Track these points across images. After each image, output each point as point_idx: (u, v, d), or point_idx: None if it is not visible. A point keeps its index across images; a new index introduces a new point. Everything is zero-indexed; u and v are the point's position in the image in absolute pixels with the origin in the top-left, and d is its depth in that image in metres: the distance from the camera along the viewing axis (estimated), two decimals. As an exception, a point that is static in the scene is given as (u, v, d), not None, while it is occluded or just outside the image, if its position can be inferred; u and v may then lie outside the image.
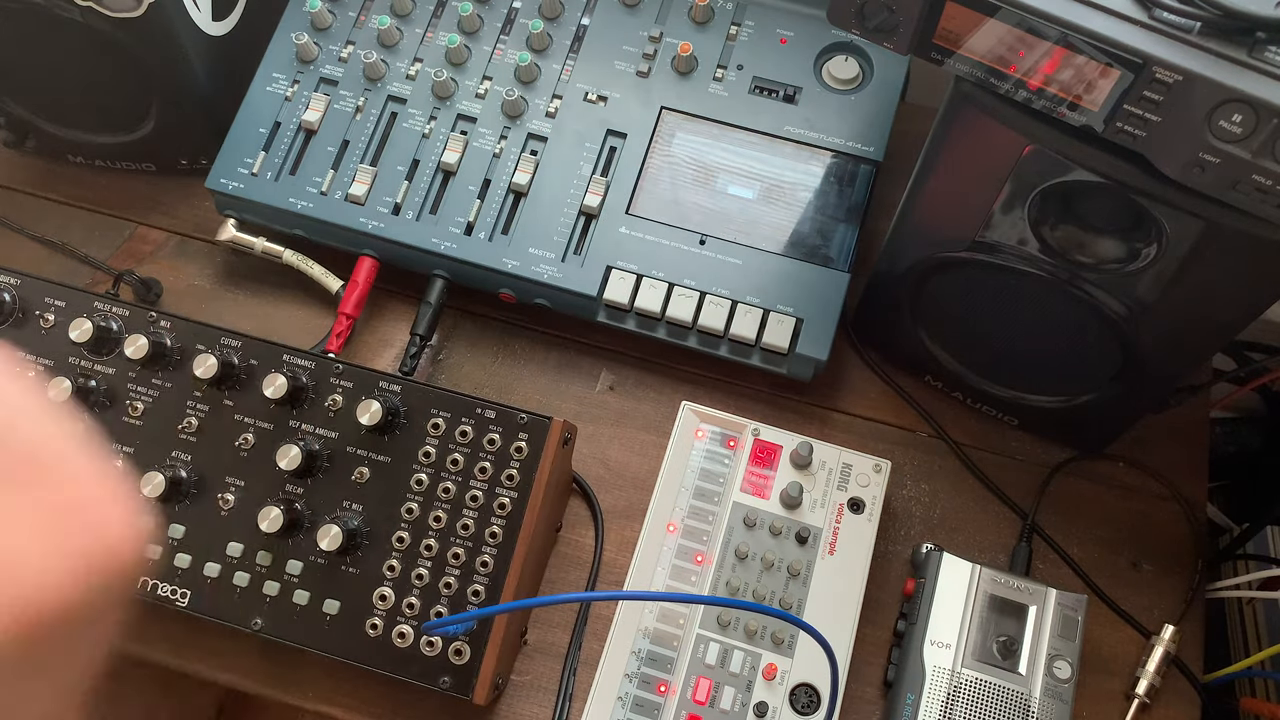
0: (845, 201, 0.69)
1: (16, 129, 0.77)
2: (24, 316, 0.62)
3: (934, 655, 0.59)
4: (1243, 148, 0.42)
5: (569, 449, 0.62)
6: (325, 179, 0.71)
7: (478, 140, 0.71)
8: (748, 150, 0.71)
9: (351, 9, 0.75)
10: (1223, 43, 0.42)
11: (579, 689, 0.62)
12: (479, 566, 0.57)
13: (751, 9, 0.73)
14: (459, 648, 0.56)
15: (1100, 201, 0.52)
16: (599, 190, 0.70)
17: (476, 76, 0.73)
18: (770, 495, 0.63)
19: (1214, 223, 0.48)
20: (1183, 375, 0.61)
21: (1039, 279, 0.56)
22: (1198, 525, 0.68)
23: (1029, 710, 0.58)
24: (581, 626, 0.64)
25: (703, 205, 0.70)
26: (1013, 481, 0.69)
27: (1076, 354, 0.61)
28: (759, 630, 0.60)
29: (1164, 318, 0.55)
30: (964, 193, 0.55)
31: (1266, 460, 0.83)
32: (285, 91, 0.73)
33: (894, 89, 0.71)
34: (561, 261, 0.69)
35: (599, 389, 0.72)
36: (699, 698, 0.58)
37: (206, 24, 0.71)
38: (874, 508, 0.63)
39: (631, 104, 0.72)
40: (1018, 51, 0.45)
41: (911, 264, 0.62)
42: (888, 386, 0.72)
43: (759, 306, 0.67)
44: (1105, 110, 0.45)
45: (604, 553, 0.66)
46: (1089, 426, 0.67)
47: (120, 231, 0.78)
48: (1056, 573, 0.66)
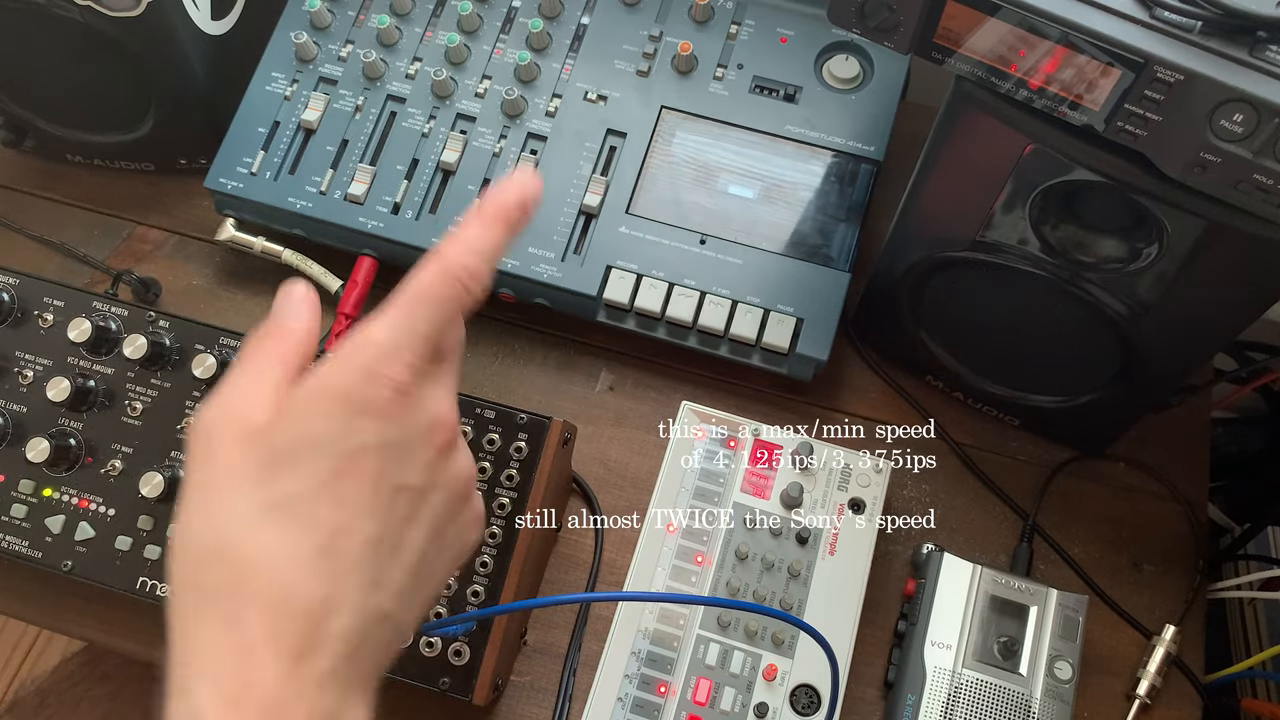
0: (846, 201, 0.69)
1: (15, 129, 0.77)
2: (23, 316, 0.62)
3: (935, 656, 0.59)
4: (1244, 147, 0.42)
5: (569, 449, 0.62)
6: (324, 178, 0.71)
7: (477, 140, 0.71)
8: (748, 150, 0.71)
9: (351, 8, 0.75)
10: (1224, 42, 0.42)
11: (579, 689, 0.62)
12: (479, 567, 0.57)
13: (751, 8, 0.73)
14: (458, 648, 0.56)
15: (1101, 201, 0.52)
16: (599, 190, 0.70)
17: (476, 76, 0.73)
18: (770, 495, 0.63)
19: (1215, 222, 0.47)
20: (1183, 375, 0.60)
21: (1040, 279, 0.56)
22: (1199, 525, 0.67)
23: (1030, 711, 0.58)
24: (581, 627, 0.63)
25: (703, 205, 0.70)
26: (1013, 481, 0.69)
27: (1077, 354, 0.61)
28: (759, 631, 0.60)
29: (1165, 318, 0.54)
30: (964, 192, 0.55)
31: (1267, 460, 0.83)
32: (284, 91, 0.73)
33: (894, 88, 0.71)
34: (561, 261, 0.69)
35: (599, 389, 0.72)
36: (699, 698, 0.58)
37: (206, 23, 0.71)
38: (874, 508, 0.63)
39: (631, 103, 0.72)
40: (1019, 51, 0.45)
41: (912, 264, 0.61)
42: (888, 386, 0.72)
43: (759, 306, 0.67)
44: (1106, 110, 0.45)
45: (604, 553, 0.66)
46: (1090, 426, 0.67)
47: (119, 231, 0.78)
48: (1057, 573, 0.66)
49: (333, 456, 0.33)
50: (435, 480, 0.36)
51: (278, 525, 0.33)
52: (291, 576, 0.32)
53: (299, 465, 0.33)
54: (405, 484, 0.35)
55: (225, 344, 0.61)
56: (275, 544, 0.32)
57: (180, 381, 0.60)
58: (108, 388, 0.60)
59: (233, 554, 0.32)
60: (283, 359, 0.36)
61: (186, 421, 0.60)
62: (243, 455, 0.33)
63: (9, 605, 0.65)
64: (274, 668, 0.31)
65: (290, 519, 0.33)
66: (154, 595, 0.58)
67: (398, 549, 0.35)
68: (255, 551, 0.32)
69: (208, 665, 0.31)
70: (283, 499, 0.33)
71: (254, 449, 0.33)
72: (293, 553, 0.32)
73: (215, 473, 0.34)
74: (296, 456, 0.33)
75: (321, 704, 0.32)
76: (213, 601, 0.32)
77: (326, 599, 0.32)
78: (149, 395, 0.60)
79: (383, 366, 0.34)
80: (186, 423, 0.60)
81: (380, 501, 0.34)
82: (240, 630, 0.31)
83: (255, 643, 0.31)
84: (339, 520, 0.33)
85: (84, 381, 0.60)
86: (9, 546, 0.59)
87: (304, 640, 0.32)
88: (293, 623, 0.32)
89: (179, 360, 0.61)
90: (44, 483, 0.59)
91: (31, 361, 0.61)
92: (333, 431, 0.33)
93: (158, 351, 0.60)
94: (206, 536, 0.33)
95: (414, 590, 0.36)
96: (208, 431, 0.34)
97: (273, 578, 0.32)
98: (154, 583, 0.58)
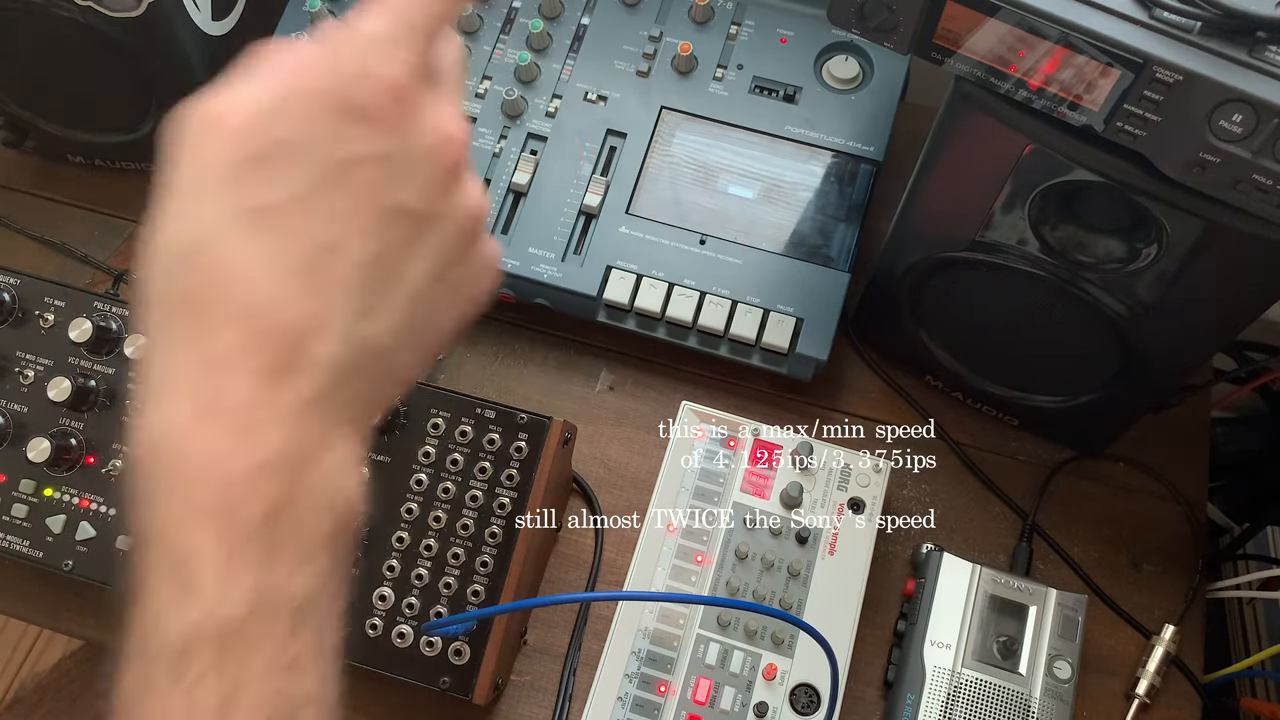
0: (845, 201, 0.69)
1: (16, 129, 0.77)
2: (23, 316, 0.62)
3: (934, 655, 0.59)
4: (1243, 147, 0.42)
5: (569, 449, 0.62)
6: (325, 179, 0.71)
7: (477, 140, 0.71)
8: (748, 150, 0.71)
9: (351, 9, 0.74)
10: (1223, 42, 0.42)
11: (579, 689, 0.62)
12: (479, 566, 0.57)
13: (751, 8, 0.73)
14: (459, 648, 0.56)
15: (1101, 201, 0.52)
16: (599, 190, 0.70)
17: (476, 76, 0.73)
18: (770, 495, 0.63)
19: (1214, 223, 0.48)
20: (1183, 375, 0.61)
21: (1039, 279, 0.56)
22: (1198, 525, 0.67)
23: (1029, 710, 0.58)
24: (581, 627, 0.63)
25: (703, 205, 0.70)
26: (1013, 481, 0.69)
27: (1077, 354, 0.61)
28: (759, 630, 0.60)
29: (1164, 318, 0.55)
30: (964, 192, 0.55)
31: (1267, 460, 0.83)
32: (285, 91, 0.73)
33: (894, 89, 0.71)
34: (561, 261, 0.69)
35: (599, 389, 0.72)
36: (699, 698, 0.58)
37: (206, 24, 0.71)
38: (874, 508, 0.63)
39: (631, 104, 0.72)
40: (1018, 51, 0.45)
41: (912, 264, 0.62)
42: (888, 386, 0.72)
43: (759, 306, 0.67)
44: (1106, 110, 0.45)
45: (604, 553, 0.66)
46: (1089, 426, 0.67)
47: (120, 231, 0.78)
48: (1057, 573, 0.66)
49: (319, 164, 0.30)
50: (440, 207, 0.32)
51: (255, 233, 0.29)
52: (269, 289, 0.29)
53: (281, 171, 0.29)
54: (404, 205, 0.31)
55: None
56: (251, 252, 0.29)
57: (181, 381, 0.60)
58: (109, 387, 0.61)
59: (206, 260, 0.29)
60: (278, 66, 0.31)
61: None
62: (218, 154, 0.30)
63: (9, 605, 0.65)
64: (248, 383, 0.29)
65: (270, 228, 0.29)
66: (154, 595, 0.58)
67: (393, 278, 0.31)
68: (230, 259, 0.29)
69: (177, 376, 0.29)
70: (262, 206, 0.29)
71: (232, 148, 0.29)
72: (271, 264, 0.29)
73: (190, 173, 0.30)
74: (278, 160, 0.29)
75: (302, 430, 0.29)
76: (183, 311, 0.29)
77: (308, 318, 0.29)
78: (149, 395, 0.60)
79: (376, 64, 0.30)
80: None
81: (374, 220, 0.31)
82: (212, 341, 0.29)
83: (228, 354, 0.29)
84: (325, 235, 0.30)
85: (85, 381, 0.60)
86: (10, 546, 0.59)
87: (281, 358, 0.29)
88: (269, 338, 0.29)
89: (179, 360, 0.61)
90: (45, 483, 0.59)
91: (32, 361, 0.61)
92: (319, 136, 0.30)
93: (158, 351, 0.60)
94: (178, 242, 0.30)
95: (411, 330, 0.33)
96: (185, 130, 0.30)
97: (249, 288, 0.29)
98: (154, 582, 0.58)
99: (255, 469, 0.28)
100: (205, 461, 0.28)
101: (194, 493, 0.28)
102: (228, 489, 0.28)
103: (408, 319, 0.32)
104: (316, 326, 0.30)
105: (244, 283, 0.29)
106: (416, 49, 0.32)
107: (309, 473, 0.30)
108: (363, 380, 0.31)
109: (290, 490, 0.29)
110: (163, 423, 0.29)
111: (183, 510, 0.28)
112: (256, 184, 0.29)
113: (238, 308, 0.29)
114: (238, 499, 0.28)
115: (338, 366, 0.30)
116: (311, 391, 0.30)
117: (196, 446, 0.28)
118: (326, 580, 0.31)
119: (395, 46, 0.31)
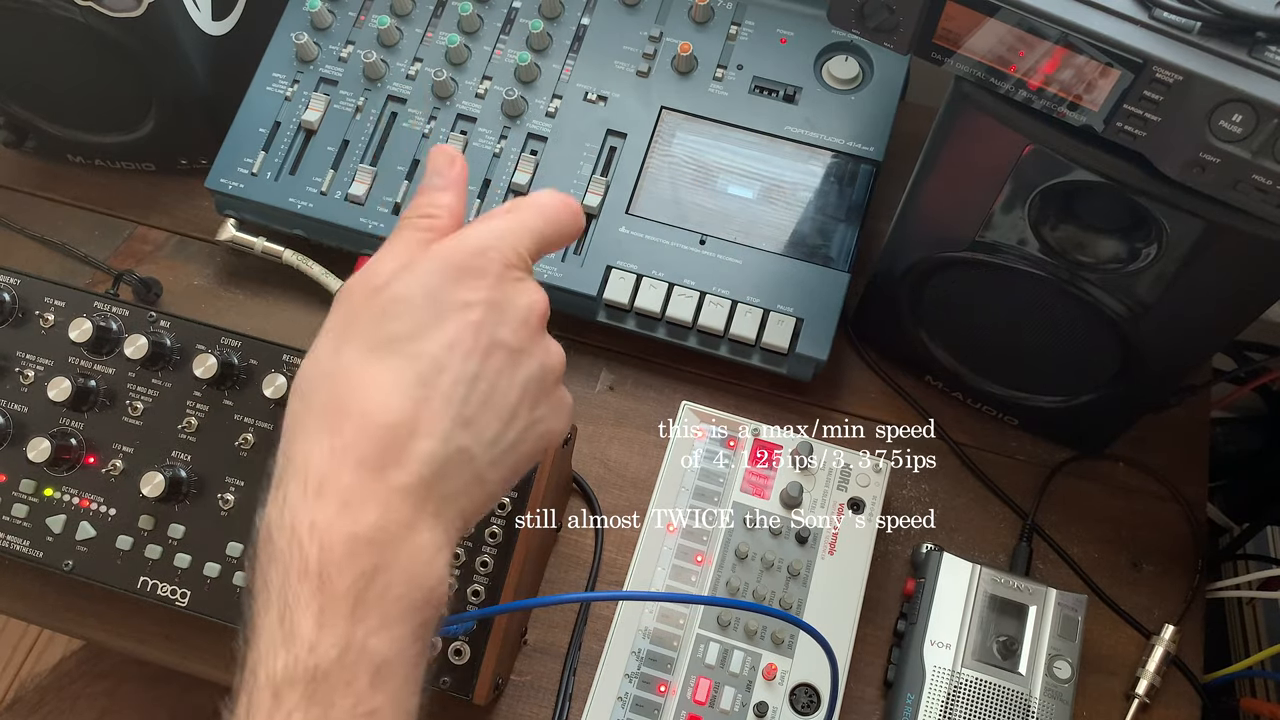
0: (845, 201, 0.69)
1: (16, 129, 0.77)
2: (24, 316, 0.62)
3: (934, 655, 0.59)
4: (1243, 147, 0.42)
5: (569, 449, 0.62)
6: (325, 179, 0.71)
7: (478, 140, 0.71)
8: (748, 150, 0.71)
9: (351, 9, 0.75)
10: (1223, 43, 0.42)
11: (579, 689, 0.62)
12: (479, 566, 0.57)
13: (751, 9, 0.73)
14: (459, 648, 0.56)
15: (1100, 201, 0.52)
16: (599, 190, 0.70)
17: (476, 76, 0.73)
18: (770, 495, 0.63)
19: (1214, 223, 0.48)
20: (1183, 375, 0.61)
21: (1039, 279, 0.56)
22: (1198, 525, 0.68)
23: (1029, 710, 0.58)
24: (581, 626, 0.64)
25: (703, 205, 0.70)
26: (1013, 481, 0.69)
27: (1077, 354, 0.61)
28: (759, 630, 0.60)
29: (1164, 318, 0.55)
30: (964, 193, 0.55)
31: (1266, 460, 0.83)
32: (285, 91, 0.73)
33: (894, 89, 0.71)
34: (561, 261, 0.69)
35: (599, 389, 0.72)
36: (699, 698, 0.58)
37: (206, 24, 0.71)
38: (874, 508, 0.63)
39: (631, 104, 0.72)
40: (1018, 51, 0.45)
41: (911, 264, 0.62)
42: (888, 386, 0.72)
43: (759, 306, 0.67)
44: (1105, 110, 0.45)
45: (604, 553, 0.66)
46: (1089, 426, 0.67)
47: (120, 231, 0.78)
48: (1056, 573, 0.66)
49: (439, 305, 0.38)
50: (530, 346, 0.40)
51: (382, 356, 0.37)
52: (385, 396, 0.37)
53: (409, 311, 0.38)
54: (503, 340, 0.39)
55: (226, 344, 0.61)
56: (377, 370, 0.37)
57: (181, 381, 0.60)
58: (109, 388, 0.61)
59: (342, 378, 0.37)
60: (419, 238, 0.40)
61: (187, 421, 0.60)
62: (364, 305, 0.38)
63: (9, 605, 0.65)
64: (356, 468, 0.35)
65: (393, 352, 0.37)
66: (155, 595, 0.58)
67: (490, 396, 0.39)
68: (361, 376, 0.37)
69: (301, 463, 0.36)
70: (391, 337, 0.38)
71: (374, 300, 0.38)
72: (391, 379, 0.37)
73: (339, 321, 0.39)
74: (408, 304, 0.38)
75: (395, 511, 0.36)
76: (316, 414, 0.37)
77: (413, 420, 0.37)
78: (150, 395, 0.60)
79: (495, 246, 0.40)
80: (187, 422, 0.60)
81: (479, 347, 0.38)
82: (336, 436, 0.36)
83: (345, 445, 0.36)
84: (439, 356, 0.37)
85: (85, 381, 0.60)
86: (10, 546, 0.59)
87: (387, 451, 0.36)
88: (379, 432, 0.36)
89: (180, 360, 0.61)
90: (45, 482, 0.59)
91: (32, 361, 0.61)
92: (442, 286, 0.38)
93: (158, 351, 0.60)
94: (323, 365, 0.38)
95: (498, 445, 0.39)
96: (343, 292, 0.40)
97: (368, 394, 0.37)
98: (154, 582, 0.58)
99: (351, 537, 0.35)
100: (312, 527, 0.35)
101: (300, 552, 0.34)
102: (327, 552, 0.34)
103: (497, 435, 0.39)
104: (420, 428, 0.37)
105: (366, 390, 0.37)
106: (528, 245, 0.41)
107: (397, 549, 0.35)
108: (453, 480, 0.38)
109: (379, 560, 0.35)
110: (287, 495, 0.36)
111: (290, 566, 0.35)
112: (389, 322, 0.38)
113: (358, 410, 0.36)
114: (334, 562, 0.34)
115: (433, 462, 0.37)
116: (408, 481, 0.36)
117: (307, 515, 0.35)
118: (406, 646, 0.36)
119: (514, 237, 0.41)
